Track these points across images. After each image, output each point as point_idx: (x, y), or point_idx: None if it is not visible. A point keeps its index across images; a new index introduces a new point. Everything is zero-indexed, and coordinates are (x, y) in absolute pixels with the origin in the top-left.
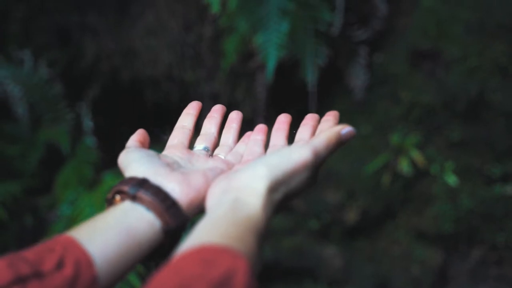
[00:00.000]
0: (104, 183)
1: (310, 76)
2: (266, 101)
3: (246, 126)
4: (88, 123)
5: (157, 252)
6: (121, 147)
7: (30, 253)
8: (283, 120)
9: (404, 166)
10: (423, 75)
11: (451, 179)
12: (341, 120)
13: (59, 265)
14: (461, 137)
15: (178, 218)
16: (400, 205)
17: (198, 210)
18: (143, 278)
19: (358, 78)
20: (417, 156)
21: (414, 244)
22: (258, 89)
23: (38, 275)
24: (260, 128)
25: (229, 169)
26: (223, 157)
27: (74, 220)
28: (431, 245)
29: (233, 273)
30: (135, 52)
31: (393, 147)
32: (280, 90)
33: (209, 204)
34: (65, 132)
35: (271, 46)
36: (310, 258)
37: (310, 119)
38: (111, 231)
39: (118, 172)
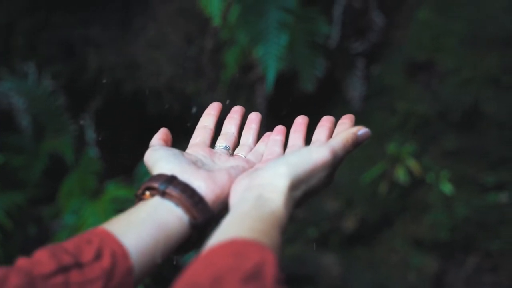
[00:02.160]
0: (107, 193)
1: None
2: (266, 111)
3: None
4: (91, 134)
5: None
6: (124, 157)
7: (69, 244)
8: (300, 122)
9: (400, 175)
10: (419, 87)
11: (447, 188)
12: None
13: (97, 256)
14: (456, 146)
15: (205, 214)
16: (397, 213)
17: (223, 206)
18: (147, 286)
19: (355, 89)
20: (413, 165)
21: (411, 252)
22: (258, 100)
23: (78, 265)
24: (279, 129)
25: (250, 168)
26: (243, 156)
27: (77, 230)
28: (427, 253)
29: (263, 265)
30: (138, 65)
31: (390, 157)
32: (280, 101)
33: (233, 201)
34: (69, 143)
35: (270, 58)
36: (310, 266)
37: (326, 121)
38: (143, 224)
39: (121, 182)
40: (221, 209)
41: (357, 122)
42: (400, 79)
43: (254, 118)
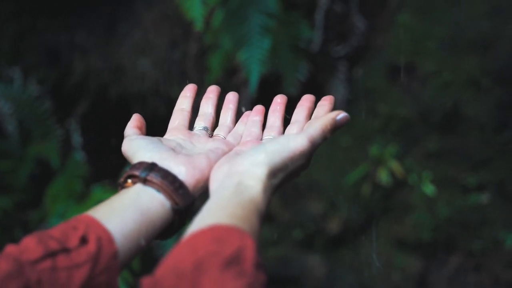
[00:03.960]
0: (93, 196)
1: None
2: None
3: None
4: (77, 138)
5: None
6: (110, 161)
7: (55, 231)
8: (279, 102)
9: (383, 177)
10: (400, 89)
11: (429, 189)
12: None
13: (83, 241)
14: (438, 148)
15: (186, 199)
16: (380, 214)
17: (203, 190)
18: (131, 285)
19: (337, 93)
20: (396, 166)
21: (395, 252)
22: (242, 103)
23: (65, 250)
24: (258, 109)
25: (229, 150)
26: (222, 137)
27: None
28: (411, 253)
29: (243, 250)
30: (123, 70)
31: (373, 158)
32: (264, 104)
33: (213, 187)
34: (55, 148)
35: (254, 62)
36: (295, 267)
37: (306, 100)
38: (127, 210)
39: (107, 186)
40: (201, 192)
41: None
42: (382, 82)
43: (232, 98)
